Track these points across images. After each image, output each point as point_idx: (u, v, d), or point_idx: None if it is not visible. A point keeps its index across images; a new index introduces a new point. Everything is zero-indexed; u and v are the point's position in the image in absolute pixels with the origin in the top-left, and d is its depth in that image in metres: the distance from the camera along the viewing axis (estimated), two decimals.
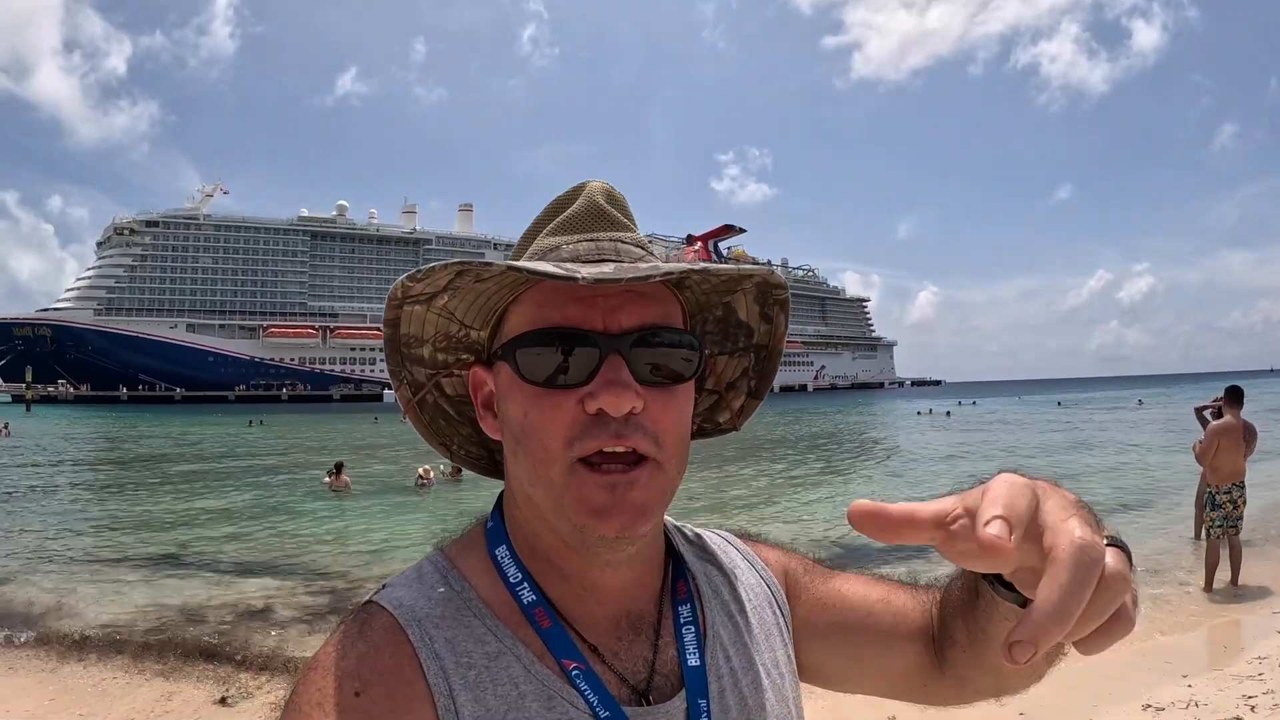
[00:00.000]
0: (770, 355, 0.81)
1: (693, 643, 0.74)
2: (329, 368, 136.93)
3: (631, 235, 0.73)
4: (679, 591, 0.77)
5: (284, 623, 7.18)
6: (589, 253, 0.69)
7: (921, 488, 16.44)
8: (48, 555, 10.27)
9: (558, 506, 0.66)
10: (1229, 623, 6.60)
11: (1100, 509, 2.34)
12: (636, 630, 0.73)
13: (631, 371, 0.65)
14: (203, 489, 17.68)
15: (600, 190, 0.74)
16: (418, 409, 0.80)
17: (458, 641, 0.66)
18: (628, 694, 0.69)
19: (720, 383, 0.83)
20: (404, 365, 0.77)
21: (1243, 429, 7.58)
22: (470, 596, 0.70)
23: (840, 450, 26.95)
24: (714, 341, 0.80)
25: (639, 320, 0.67)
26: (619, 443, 0.64)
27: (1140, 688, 5.05)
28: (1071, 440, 28.45)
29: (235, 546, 10.79)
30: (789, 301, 0.77)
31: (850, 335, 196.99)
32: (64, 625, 6.99)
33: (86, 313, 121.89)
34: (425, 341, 0.75)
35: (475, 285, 0.68)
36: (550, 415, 0.65)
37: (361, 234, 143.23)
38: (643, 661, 0.72)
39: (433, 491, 16.05)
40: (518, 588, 0.70)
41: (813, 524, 12.18)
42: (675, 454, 0.68)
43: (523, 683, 0.65)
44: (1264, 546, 9.20)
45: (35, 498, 16.15)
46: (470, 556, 0.74)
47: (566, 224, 0.72)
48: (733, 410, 0.84)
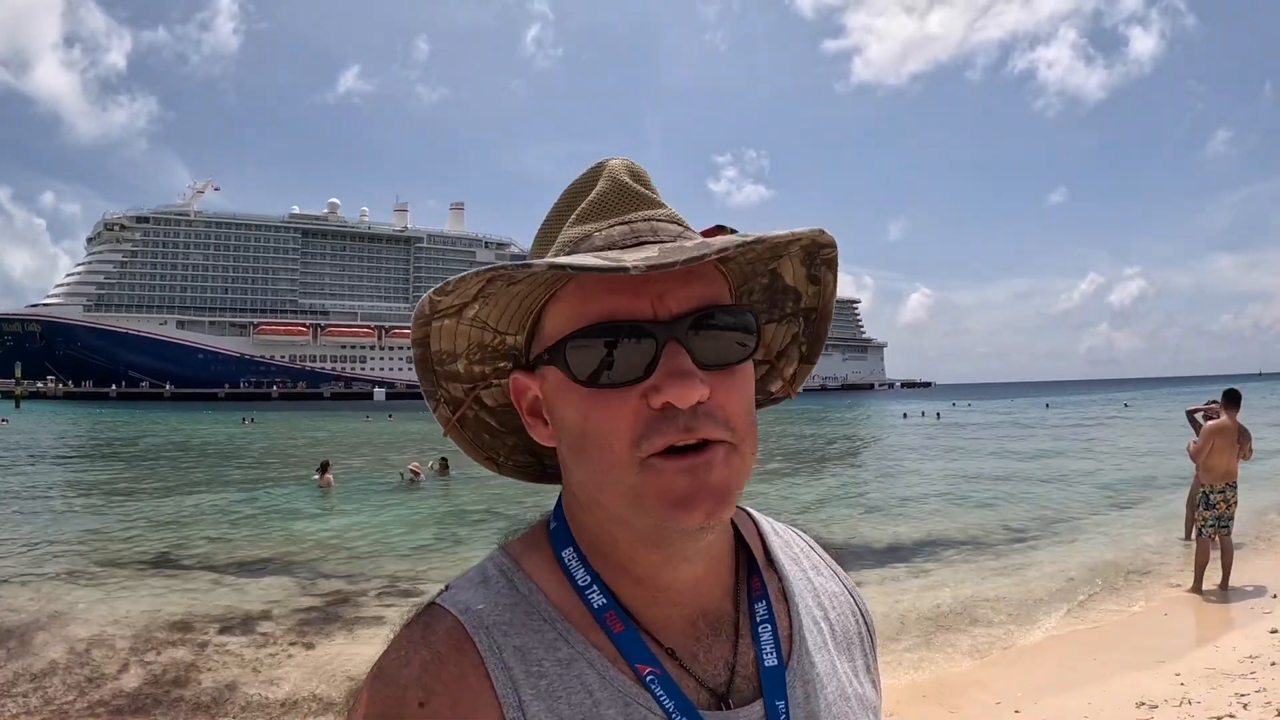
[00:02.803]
0: (821, 318, 0.76)
1: (769, 642, 0.69)
2: (319, 365, 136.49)
3: (665, 212, 0.67)
4: (754, 588, 0.73)
5: (278, 628, 7.13)
6: (624, 237, 0.64)
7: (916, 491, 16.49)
8: (35, 558, 10.19)
9: (635, 505, 0.61)
10: (1220, 622, 6.65)
11: (1089, 510, 2.36)
12: (715, 630, 0.69)
13: (693, 358, 0.60)
14: (201, 486, 17.63)
15: (623, 168, 0.69)
16: (459, 427, 0.75)
17: (528, 649, 0.63)
18: (707, 698, 0.65)
19: (771, 352, 0.79)
20: (439, 384, 0.72)
21: (1236, 430, 7.69)
22: (538, 600, 0.66)
23: (830, 451, 27.02)
24: (761, 310, 0.76)
25: (692, 303, 0.62)
26: (689, 436, 0.59)
27: (1133, 686, 5.08)
28: (1060, 443, 28.62)
29: (227, 547, 10.75)
30: (837, 259, 0.72)
31: (841, 336, 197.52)
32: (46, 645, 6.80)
33: (76, 309, 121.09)
34: (459, 356, 0.70)
35: (508, 289, 0.63)
36: (613, 415, 0.60)
37: (353, 232, 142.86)
38: (723, 663, 0.68)
39: (423, 488, 16.22)
40: (587, 591, 0.66)
41: (809, 524, 12.21)
42: (747, 435, 0.63)
43: (597, 690, 0.62)
44: (1254, 544, 9.29)
45: (23, 496, 16.06)
46: (535, 557, 0.70)
47: (593, 209, 0.66)
48: (785, 379, 0.80)
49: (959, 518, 12.47)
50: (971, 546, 10.23)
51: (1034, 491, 15.32)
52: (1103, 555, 9.31)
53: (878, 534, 11.24)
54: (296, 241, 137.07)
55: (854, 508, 13.90)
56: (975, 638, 6.42)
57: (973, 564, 9.21)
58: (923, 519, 12.43)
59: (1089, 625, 6.72)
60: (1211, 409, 9.25)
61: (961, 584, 8.20)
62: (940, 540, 10.64)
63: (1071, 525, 11.53)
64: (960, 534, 11.08)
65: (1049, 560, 9.17)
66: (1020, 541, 10.48)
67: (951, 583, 8.27)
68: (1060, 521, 11.81)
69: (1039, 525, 11.58)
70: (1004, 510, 13.08)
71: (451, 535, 11.47)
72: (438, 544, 10.86)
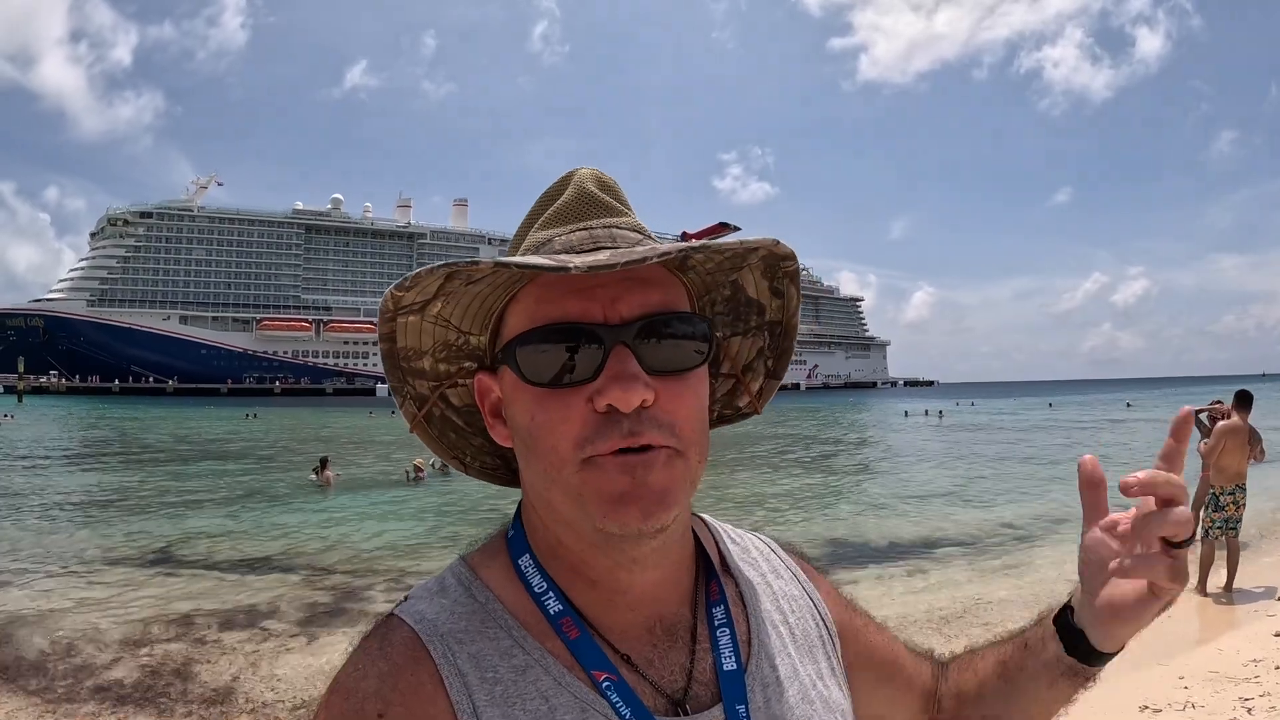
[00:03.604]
0: (785, 332, 0.78)
1: (728, 646, 0.70)
2: (322, 361, 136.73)
3: (627, 220, 0.69)
4: (712, 593, 0.73)
5: (279, 625, 7.14)
6: (583, 242, 0.65)
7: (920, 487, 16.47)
8: (36, 555, 10.20)
9: (577, 504, 0.62)
10: (1224, 625, 6.61)
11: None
12: (672, 636, 0.70)
13: (640, 362, 0.62)
14: (203, 483, 17.66)
15: (590, 177, 0.71)
16: (425, 424, 0.76)
17: (483, 656, 0.64)
18: (664, 704, 0.66)
19: (736, 366, 0.80)
20: (405, 380, 0.73)
21: (1248, 432, 7.66)
22: (495, 608, 0.67)
23: (831, 449, 27.00)
24: (725, 323, 0.77)
25: (642, 308, 0.63)
26: (633, 440, 0.60)
27: (1137, 688, 5.04)
28: (1062, 442, 28.57)
29: (228, 543, 10.77)
30: (799, 272, 0.73)
31: (844, 334, 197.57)
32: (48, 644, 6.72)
33: (79, 304, 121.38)
34: (424, 353, 0.72)
35: (468, 288, 0.65)
36: (558, 417, 0.62)
37: (356, 228, 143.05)
38: (680, 669, 0.68)
39: (426, 485, 16.32)
40: (543, 597, 0.67)
41: (812, 523, 12.19)
42: (694, 441, 0.64)
43: (553, 696, 0.63)
44: (1259, 546, 9.25)
45: (25, 493, 16.09)
46: (493, 566, 0.71)
47: (558, 215, 0.69)
48: (751, 393, 0.81)
49: (960, 517, 12.45)
50: (972, 546, 10.21)
51: (1036, 491, 15.28)
52: None
53: (878, 532, 11.22)
54: (299, 237, 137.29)
55: (855, 505, 13.91)
56: (975, 638, 6.35)
57: (973, 564, 9.19)
58: (923, 518, 12.42)
59: None
60: (1215, 410, 9.21)
61: (962, 584, 8.19)
62: (941, 539, 10.63)
63: (1074, 526, 11.41)
64: (961, 533, 11.06)
65: (1050, 561, 9.13)
66: (1022, 541, 10.45)
67: (952, 583, 8.25)
68: (1063, 522, 11.75)
69: (1040, 525, 11.55)
70: (1005, 510, 13.04)
71: (453, 532, 11.48)
72: (439, 540, 10.87)
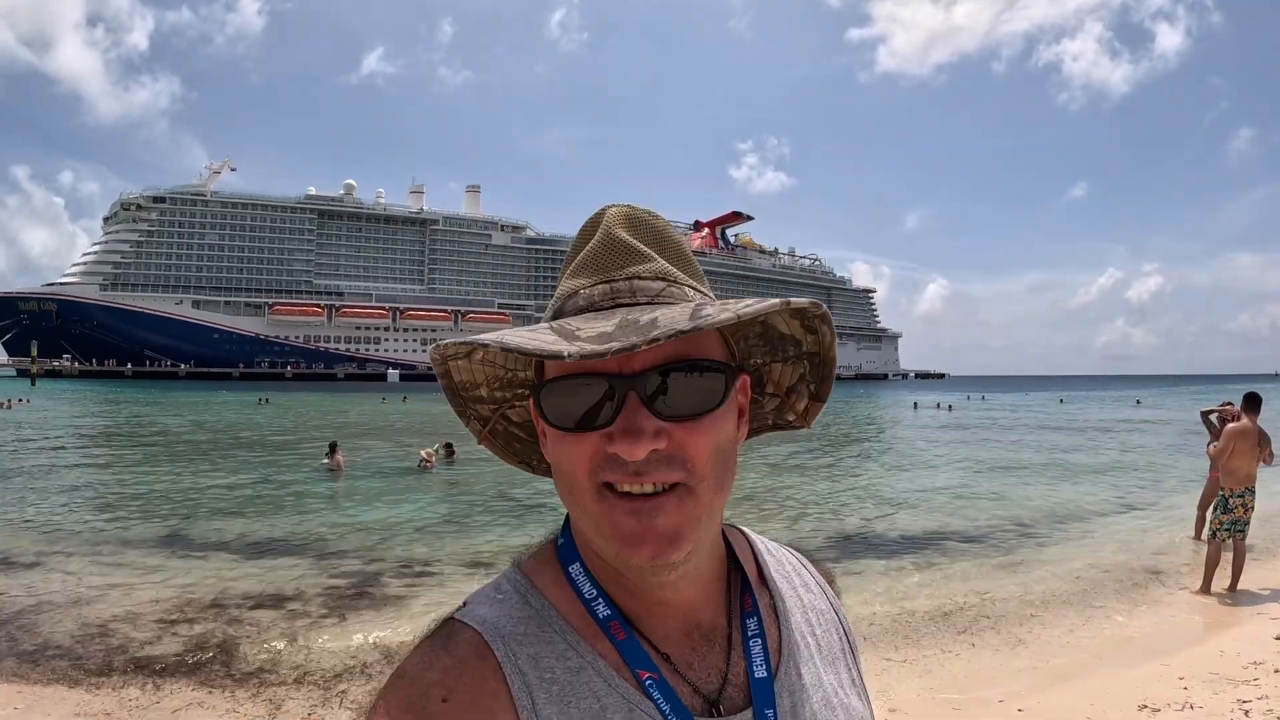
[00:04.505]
0: (824, 362, 0.79)
1: (759, 655, 0.75)
2: (334, 346, 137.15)
3: (651, 267, 0.70)
4: (746, 605, 0.78)
5: (309, 606, 7.25)
6: (603, 297, 0.69)
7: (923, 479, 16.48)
8: (52, 537, 10.37)
9: (597, 532, 0.67)
10: (1226, 627, 6.63)
11: (1099, 509, 2.39)
12: (709, 641, 0.74)
13: (652, 410, 0.65)
14: (216, 467, 17.86)
15: (617, 218, 0.73)
16: (491, 437, 0.83)
17: (541, 657, 0.68)
18: (700, 704, 0.71)
19: (780, 388, 0.83)
20: (467, 405, 0.80)
21: (1257, 434, 7.67)
22: (550, 614, 0.71)
23: (842, 441, 27.00)
24: (762, 352, 0.79)
25: (657, 358, 0.65)
26: (638, 481, 0.64)
27: (1137, 688, 5.10)
28: (1072, 439, 28.47)
29: (242, 527, 10.91)
30: (829, 315, 0.74)
31: (855, 326, 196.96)
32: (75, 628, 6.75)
33: (92, 288, 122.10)
34: (480, 384, 0.79)
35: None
36: (575, 451, 0.67)
37: (369, 213, 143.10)
38: (716, 672, 0.73)
39: (434, 472, 16.60)
40: (593, 603, 0.72)
41: (819, 517, 12.24)
42: (708, 475, 0.67)
43: (604, 695, 0.67)
44: (1264, 548, 9.25)
45: (38, 474, 16.32)
46: (545, 573, 0.76)
47: (584, 265, 0.72)
48: (797, 413, 0.84)
49: (967, 513, 12.46)
50: (980, 542, 10.23)
51: (1044, 488, 15.26)
52: (1111, 555, 9.28)
53: (886, 527, 11.26)
54: (312, 222, 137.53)
55: (863, 500, 13.92)
56: (981, 634, 6.44)
57: (980, 560, 9.20)
58: (931, 513, 12.43)
59: (1095, 624, 6.72)
60: (1226, 410, 9.21)
61: (969, 580, 8.21)
62: (948, 535, 10.65)
63: (1081, 524, 11.49)
64: (969, 529, 11.08)
65: (1057, 558, 9.16)
66: (1029, 538, 10.46)
67: (959, 578, 8.28)
68: (1070, 519, 11.78)
69: (1048, 522, 11.55)
70: (1013, 507, 13.04)
71: (462, 517, 11.62)
72: (447, 526, 11.00)
